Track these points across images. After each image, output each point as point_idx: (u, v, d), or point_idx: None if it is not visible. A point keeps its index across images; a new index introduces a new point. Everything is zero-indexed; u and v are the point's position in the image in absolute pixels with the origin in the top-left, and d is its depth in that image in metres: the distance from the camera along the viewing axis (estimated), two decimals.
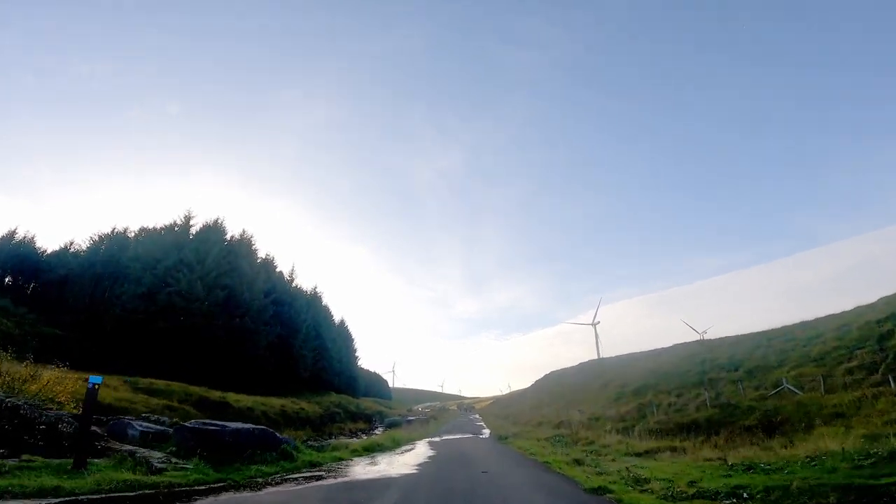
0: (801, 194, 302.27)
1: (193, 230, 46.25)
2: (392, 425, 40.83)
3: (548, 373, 79.19)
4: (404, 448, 18.67)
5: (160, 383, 22.77)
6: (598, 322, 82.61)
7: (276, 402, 30.66)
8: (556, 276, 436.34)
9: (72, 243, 54.28)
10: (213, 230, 46.27)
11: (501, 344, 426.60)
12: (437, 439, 23.07)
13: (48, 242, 66.79)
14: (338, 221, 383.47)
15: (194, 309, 39.64)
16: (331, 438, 29.81)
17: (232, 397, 26.19)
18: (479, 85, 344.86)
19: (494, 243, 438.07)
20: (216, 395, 25.47)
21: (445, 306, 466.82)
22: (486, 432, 28.93)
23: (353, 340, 78.76)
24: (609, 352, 71.17)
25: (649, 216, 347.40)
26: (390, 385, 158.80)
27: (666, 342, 51.02)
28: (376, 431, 37.30)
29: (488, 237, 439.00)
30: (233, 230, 49.08)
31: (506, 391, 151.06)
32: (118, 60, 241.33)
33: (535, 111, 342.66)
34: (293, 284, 56.31)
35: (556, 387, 54.35)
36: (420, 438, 23.66)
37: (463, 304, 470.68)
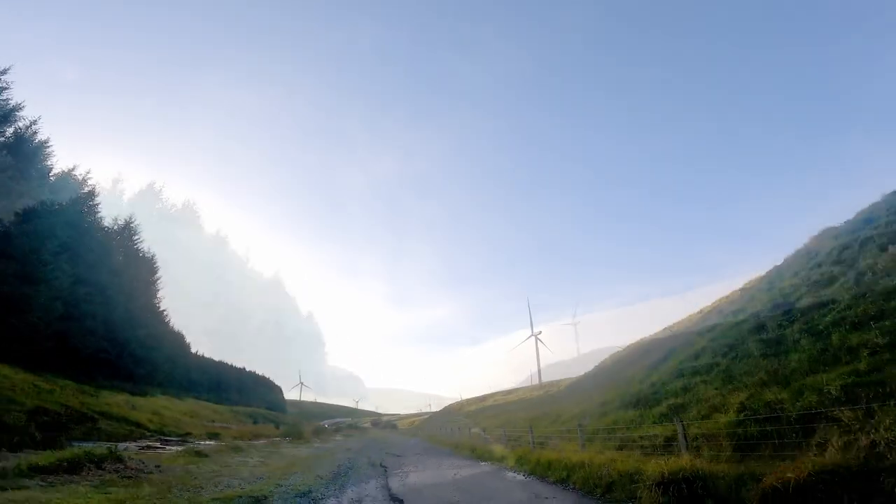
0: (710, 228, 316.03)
1: None
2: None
3: (549, 365, 62.11)
4: None
5: None
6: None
7: None
8: (478, 294, 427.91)
9: None
10: None
11: (424, 358, 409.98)
12: None
13: None
14: (259, 216, 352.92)
15: None
16: None
17: None
18: (421, 92, 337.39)
19: (421, 258, 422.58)
20: None
21: (372, 318, 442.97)
22: None
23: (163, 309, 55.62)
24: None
25: (580, 238, 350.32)
26: (298, 398, 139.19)
27: None
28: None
29: (415, 250, 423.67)
30: None
31: (428, 409, 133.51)
32: None
33: (474, 123, 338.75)
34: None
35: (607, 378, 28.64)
36: None
37: (389, 317, 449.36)
